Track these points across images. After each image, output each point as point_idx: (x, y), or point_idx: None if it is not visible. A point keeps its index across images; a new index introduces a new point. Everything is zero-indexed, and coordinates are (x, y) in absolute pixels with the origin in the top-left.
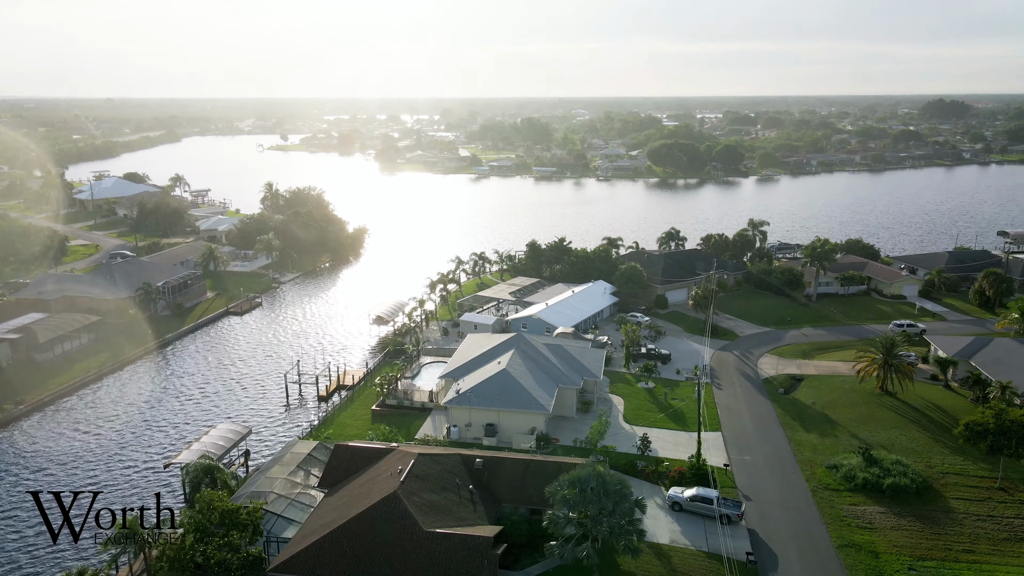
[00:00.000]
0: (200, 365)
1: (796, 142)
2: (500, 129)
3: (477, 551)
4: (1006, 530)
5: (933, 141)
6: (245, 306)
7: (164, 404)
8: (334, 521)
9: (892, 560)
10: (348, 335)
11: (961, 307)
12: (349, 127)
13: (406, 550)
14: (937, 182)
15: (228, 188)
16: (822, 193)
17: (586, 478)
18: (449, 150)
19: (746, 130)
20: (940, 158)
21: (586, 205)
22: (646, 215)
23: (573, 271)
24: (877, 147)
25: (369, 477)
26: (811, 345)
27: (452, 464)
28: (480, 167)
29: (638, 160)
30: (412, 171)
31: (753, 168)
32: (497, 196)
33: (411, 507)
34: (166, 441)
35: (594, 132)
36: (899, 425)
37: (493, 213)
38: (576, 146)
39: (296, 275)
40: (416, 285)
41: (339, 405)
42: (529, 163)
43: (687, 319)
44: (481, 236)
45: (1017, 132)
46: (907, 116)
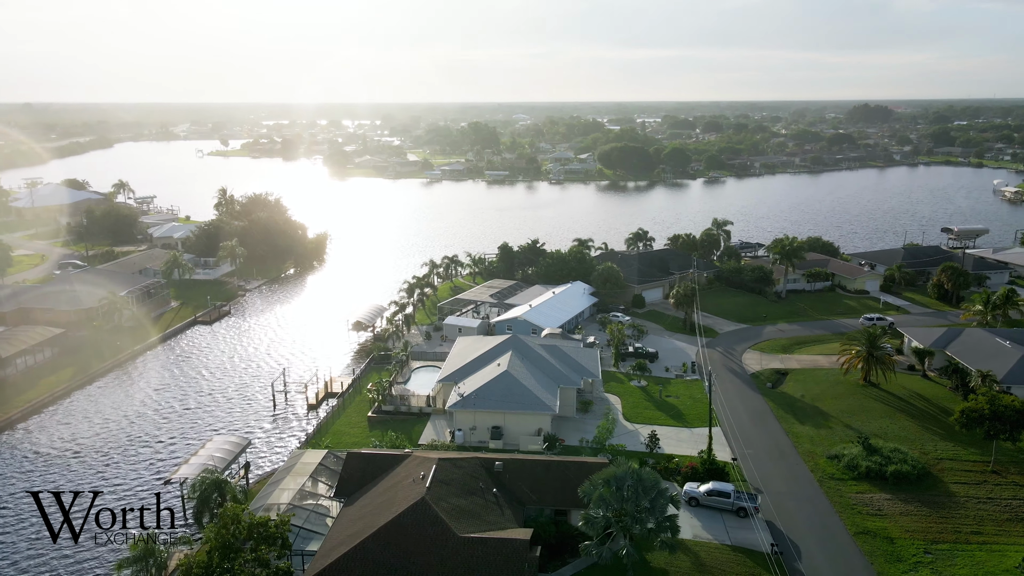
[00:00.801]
0: (176, 377)
1: (738, 145)
2: (446, 134)
3: (516, 554)
4: (1007, 511)
5: (864, 144)
6: (213, 315)
7: (146, 419)
8: (361, 531)
9: (907, 545)
10: (327, 342)
11: (921, 300)
12: (291, 132)
13: (442, 557)
14: (873, 182)
15: (173, 194)
16: (769, 194)
17: (623, 476)
18: (397, 155)
19: (687, 134)
20: (873, 160)
21: (543, 208)
22: (604, 217)
23: (549, 273)
24: (813, 149)
25: (389, 484)
26: (789, 340)
27: (472, 468)
28: (432, 171)
29: (588, 163)
30: (362, 176)
31: (700, 170)
32: (452, 200)
33: (441, 513)
34: (156, 458)
35: (540, 136)
36: (888, 415)
37: (452, 217)
38: (525, 150)
39: (261, 282)
40: (387, 290)
41: (331, 413)
42: (481, 167)
43: (667, 318)
44: (443, 240)
45: (939, 135)
46: (835, 120)
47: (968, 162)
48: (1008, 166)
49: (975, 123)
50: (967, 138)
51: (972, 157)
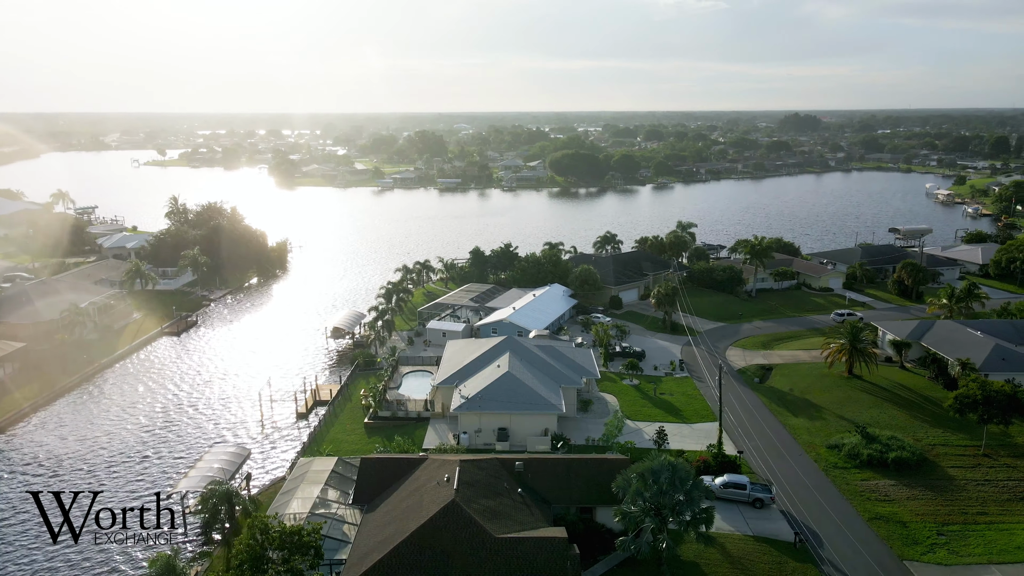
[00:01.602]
0: (152, 390)
1: (682, 152)
2: (392, 143)
3: (557, 552)
4: (1006, 492)
5: (800, 151)
6: (181, 326)
7: (124, 435)
8: (392, 537)
9: (920, 528)
10: (305, 350)
11: (882, 296)
12: (230, 141)
13: (481, 559)
14: (813, 187)
15: (115, 205)
16: (718, 198)
17: (659, 469)
18: (344, 163)
19: (629, 142)
20: (810, 166)
21: (499, 215)
22: (561, 222)
23: (525, 276)
24: (753, 156)
25: (411, 489)
26: (767, 336)
27: (494, 469)
28: (383, 180)
29: (538, 171)
30: (311, 185)
31: (649, 176)
32: (406, 208)
33: (474, 514)
34: (145, 475)
35: (486, 145)
36: (876, 405)
37: (410, 225)
38: (474, 158)
39: (225, 291)
40: (356, 297)
41: (324, 421)
42: (432, 175)
43: (646, 318)
44: (405, 247)
45: (869, 142)
46: (768, 130)
47: (898, 167)
48: (935, 171)
49: (898, 131)
50: (894, 145)
51: (901, 163)
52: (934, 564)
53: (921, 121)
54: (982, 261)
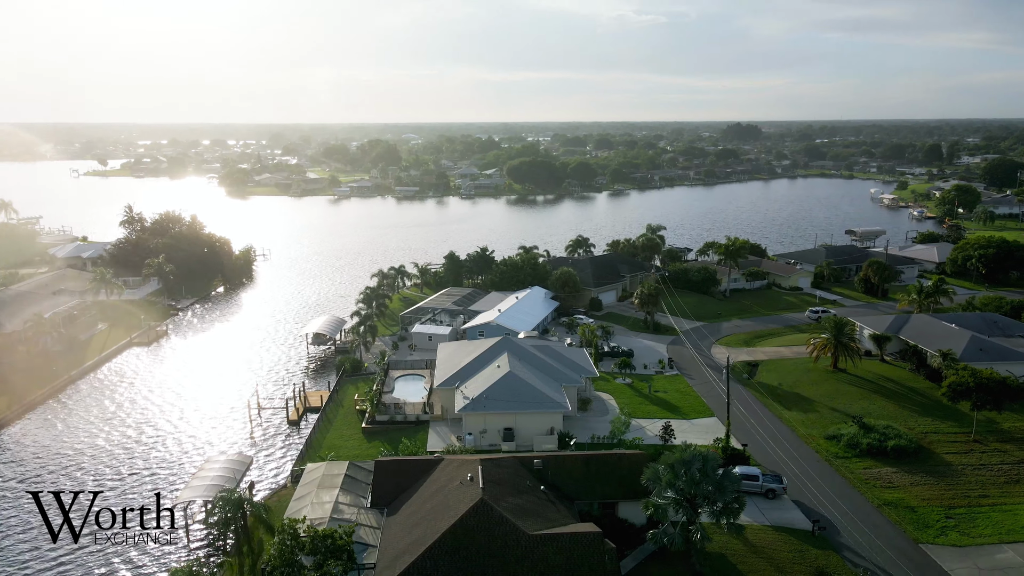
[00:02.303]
0: (130, 400)
1: (635, 160)
2: (343, 151)
3: (593, 547)
4: (1003, 475)
5: (746, 159)
6: (151, 336)
7: (110, 448)
8: (422, 538)
9: (928, 512)
10: (288, 357)
11: (850, 294)
12: (174, 151)
13: (516, 556)
14: (763, 193)
15: (60, 215)
16: (674, 204)
17: (690, 460)
18: (297, 172)
19: (580, 151)
20: (758, 173)
21: (460, 222)
22: (524, 227)
23: (504, 279)
24: (703, 164)
25: (432, 489)
26: (748, 334)
27: (514, 467)
28: (340, 188)
29: (494, 178)
30: (265, 195)
31: (605, 184)
32: (366, 216)
33: (504, 512)
34: (142, 488)
35: (439, 154)
36: (864, 397)
37: (371, 233)
38: (430, 167)
39: (193, 300)
40: (331, 304)
41: (318, 427)
42: (388, 184)
43: (627, 319)
44: (372, 254)
45: (811, 150)
46: (712, 139)
47: (840, 174)
48: (875, 177)
49: (835, 140)
50: (835, 153)
51: (843, 170)
52: (948, 546)
53: (855, 131)
54: (938, 260)
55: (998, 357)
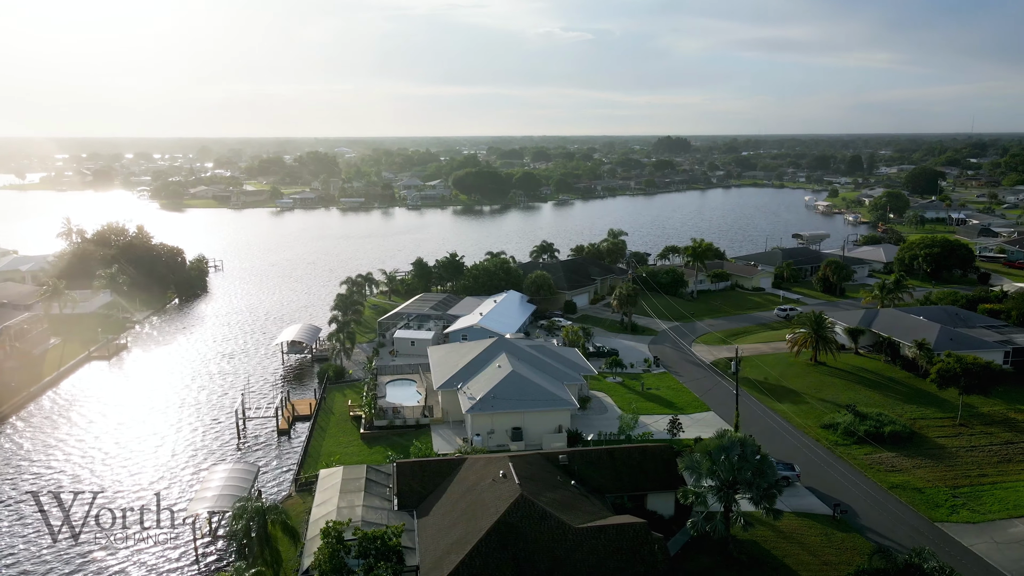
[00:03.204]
0: (99, 414)
1: (576, 171)
2: (279, 164)
3: (641, 538)
4: (995, 456)
5: (682, 170)
6: (111, 350)
7: (93, 466)
8: (465, 536)
9: (935, 492)
10: (264, 367)
11: (809, 293)
12: (97, 164)
13: (566, 550)
14: (703, 202)
15: None
16: (620, 212)
17: (729, 446)
18: (234, 185)
19: (518, 163)
20: (695, 183)
21: (414, 232)
22: (476, 235)
23: (477, 284)
24: (641, 175)
25: (461, 489)
26: (724, 333)
27: (540, 463)
28: (282, 200)
29: (439, 189)
30: (202, 207)
31: (550, 194)
32: (313, 227)
33: (546, 507)
34: (140, 507)
35: (378, 166)
36: (848, 387)
37: (324, 243)
38: (372, 178)
39: (148, 313)
40: (297, 313)
41: (311, 436)
42: (333, 195)
43: (603, 320)
44: (328, 264)
45: (741, 162)
46: (644, 151)
47: (772, 184)
48: (805, 186)
49: (759, 153)
50: (765, 164)
51: (774, 180)
52: (962, 523)
53: (776, 144)
54: (886, 259)
55: (968, 346)
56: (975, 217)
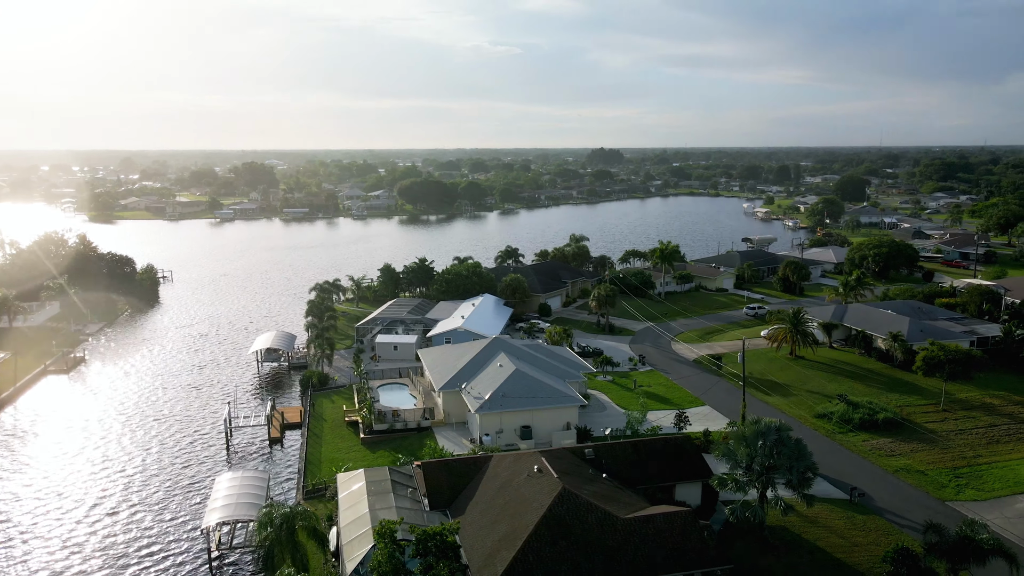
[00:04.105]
0: (72, 430)
1: (518, 181)
2: (210, 175)
3: (689, 524)
4: (983, 438)
5: (620, 180)
6: (69, 363)
7: (81, 486)
8: (513, 532)
9: (938, 474)
10: (239, 376)
11: (770, 292)
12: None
13: (618, 541)
14: (645, 210)
15: None
16: (567, 221)
17: (765, 431)
18: (167, 196)
19: (457, 174)
20: (634, 192)
21: (363, 241)
22: (427, 244)
23: (450, 288)
24: (580, 185)
25: (494, 486)
26: (698, 332)
27: (569, 457)
28: (222, 211)
29: (382, 199)
30: (135, 219)
31: (495, 203)
32: (258, 238)
33: (591, 499)
34: (140, 522)
35: (316, 177)
36: (832, 379)
37: (274, 253)
38: (313, 189)
39: (102, 325)
40: (261, 322)
41: (307, 443)
42: (275, 205)
43: (579, 322)
44: (284, 273)
45: (677, 172)
46: (577, 163)
47: (707, 193)
48: (739, 195)
49: (689, 164)
50: (699, 174)
51: (710, 189)
52: (971, 501)
53: (704, 156)
54: (836, 260)
55: (937, 337)
56: (906, 221)
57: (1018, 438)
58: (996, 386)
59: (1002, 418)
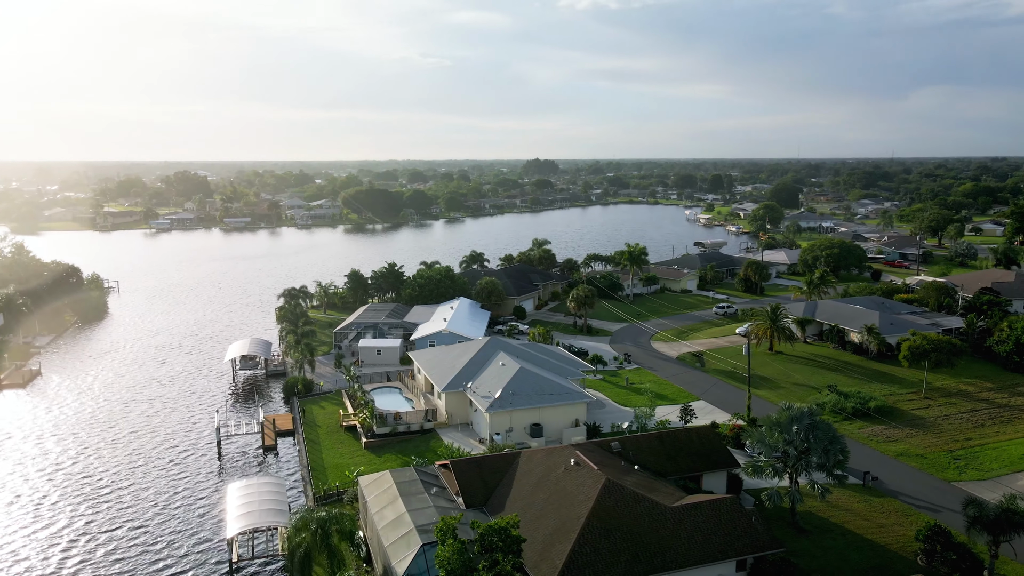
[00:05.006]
0: (46, 447)
1: (461, 191)
2: (138, 185)
3: (737, 510)
4: (969, 422)
5: (560, 189)
6: (25, 376)
7: (73, 500)
8: (563, 526)
9: (937, 457)
10: (216, 386)
11: (732, 292)
12: None
13: (670, 529)
14: (590, 217)
15: None
16: (516, 228)
17: (799, 416)
18: (94, 207)
19: (395, 184)
20: (576, 200)
21: (312, 250)
22: (379, 252)
23: (423, 293)
24: (522, 193)
25: (530, 481)
26: (673, 331)
27: (598, 451)
28: (158, 221)
29: (326, 209)
30: (63, 230)
31: (441, 212)
32: (200, 249)
33: (636, 490)
34: (135, 550)
35: (250, 186)
36: (814, 372)
37: (222, 264)
38: (252, 198)
39: (52, 336)
40: (224, 332)
41: (307, 449)
42: (215, 216)
43: (555, 324)
44: (237, 283)
45: (615, 181)
46: (513, 174)
47: (646, 201)
48: (677, 203)
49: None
50: (636, 183)
51: (648, 197)
52: (974, 480)
53: (635, 167)
54: (789, 261)
55: (906, 329)
56: (842, 225)
57: (1001, 421)
58: (967, 374)
59: (980, 403)
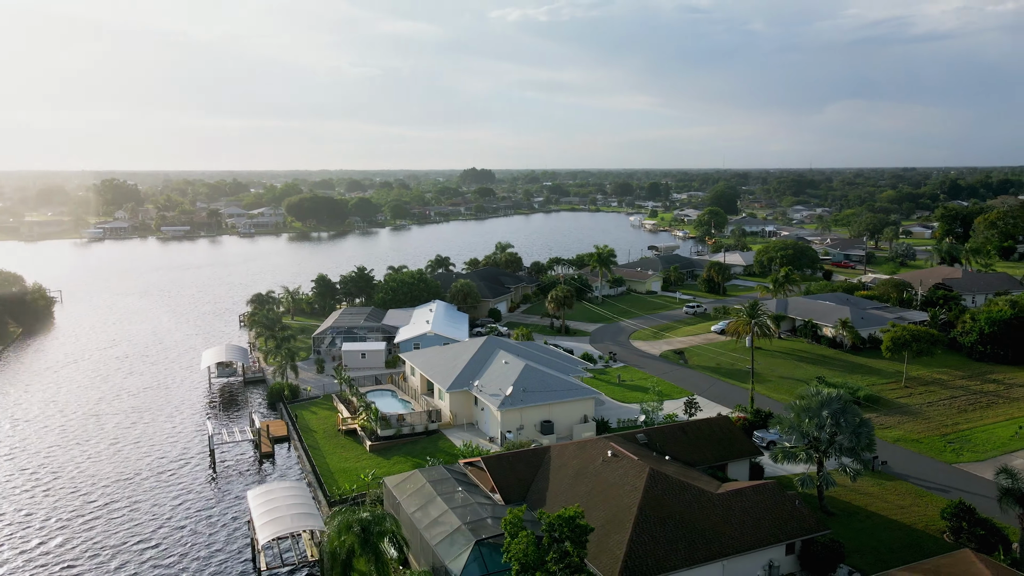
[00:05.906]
0: (8, 462)
1: (404, 199)
2: (63, 194)
3: (779, 494)
4: (953, 408)
5: (502, 197)
6: None
7: (66, 517)
8: (614, 518)
9: (931, 441)
10: (193, 396)
11: (696, 292)
12: None
13: (720, 515)
14: (535, 224)
15: None
16: (464, 235)
17: (829, 401)
18: (14, 216)
19: (334, 192)
20: (519, 208)
21: (259, 259)
22: (328, 260)
23: (396, 297)
24: (465, 201)
25: (570, 474)
26: (649, 331)
27: (630, 443)
28: (90, 230)
29: (267, 216)
30: None
31: (386, 219)
32: (140, 258)
33: (679, 477)
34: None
35: (183, 195)
36: (795, 366)
37: (165, 273)
38: (187, 206)
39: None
40: (187, 340)
41: (308, 455)
42: (151, 224)
43: (531, 325)
44: (187, 292)
45: (556, 189)
46: (450, 183)
47: (588, 208)
48: (619, 210)
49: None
50: (576, 191)
51: (590, 205)
52: (972, 462)
53: (570, 176)
54: (745, 263)
55: (876, 323)
56: (783, 229)
57: (981, 406)
58: (937, 364)
59: (957, 391)
